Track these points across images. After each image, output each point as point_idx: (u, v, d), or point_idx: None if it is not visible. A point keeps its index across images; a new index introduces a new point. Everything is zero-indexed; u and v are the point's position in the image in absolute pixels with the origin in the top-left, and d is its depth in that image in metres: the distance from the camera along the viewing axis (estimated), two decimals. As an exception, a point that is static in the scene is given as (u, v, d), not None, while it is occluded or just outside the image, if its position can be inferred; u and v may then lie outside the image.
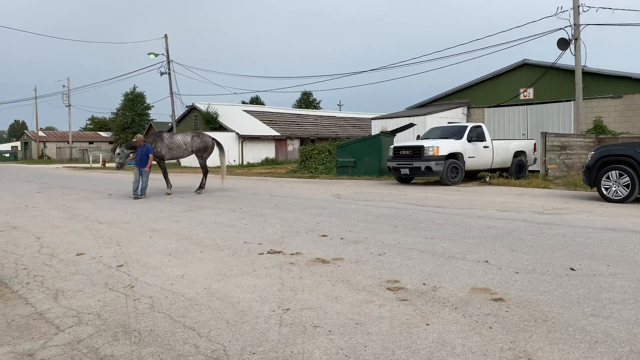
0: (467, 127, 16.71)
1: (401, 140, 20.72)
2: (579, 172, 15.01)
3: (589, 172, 10.95)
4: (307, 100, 77.64)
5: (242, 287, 4.64)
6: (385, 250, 6.07)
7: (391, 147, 17.07)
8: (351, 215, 9.17)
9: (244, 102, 62.05)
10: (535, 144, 18.70)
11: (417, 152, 15.63)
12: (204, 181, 14.86)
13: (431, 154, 15.32)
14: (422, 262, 5.40)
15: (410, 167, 15.83)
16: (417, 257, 5.67)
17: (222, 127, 38.63)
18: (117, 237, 7.36)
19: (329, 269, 5.21)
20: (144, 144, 13.32)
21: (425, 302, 4.06)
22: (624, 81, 19.87)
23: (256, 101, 70.22)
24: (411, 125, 21.83)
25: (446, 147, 15.54)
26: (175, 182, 17.47)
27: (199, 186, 14.81)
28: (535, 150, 18.56)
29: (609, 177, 10.57)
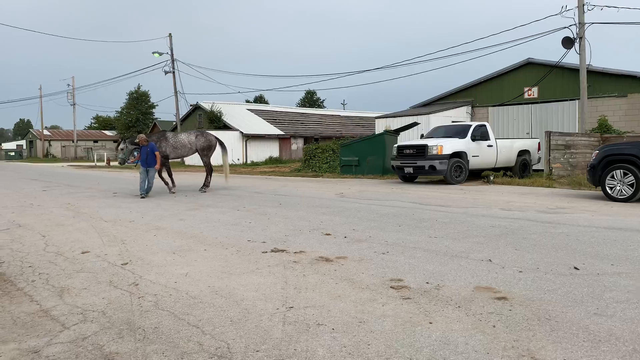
0: (471, 126, 16.70)
1: (405, 139, 20.70)
2: (584, 171, 14.96)
3: (594, 171, 10.92)
4: (311, 99, 77.68)
5: (246, 285, 4.66)
6: (388, 248, 6.07)
7: (395, 146, 17.07)
8: (355, 214, 9.18)
9: (248, 101, 62.10)
10: (539, 143, 18.66)
11: (421, 151, 15.62)
12: (208, 179, 14.97)
13: (435, 152, 15.31)
14: (426, 261, 5.41)
15: (414, 166, 15.83)
16: (420, 255, 5.68)
17: (226, 126, 38.71)
18: (122, 236, 7.40)
19: (333, 268, 5.22)
20: (147, 143, 13.31)
21: (428, 301, 4.07)
22: (629, 80, 19.79)
23: (260, 100, 70.31)
24: (415, 124, 21.81)
25: (450, 146, 15.53)
26: (179, 181, 17.52)
27: (203, 184, 14.90)
28: (539, 149, 18.51)
29: (613, 176, 10.54)
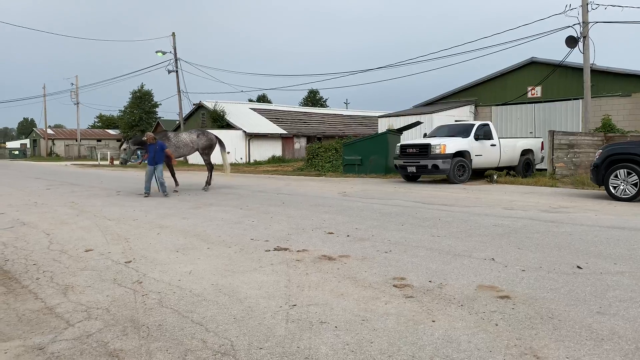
0: (474, 125, 16.68)
1: (408, 138, 20.69)
2: (587, 170, 14.93)
3: (597, 171, 10.90)
4: (314, 98, 77.67)
5: (249, 283, 4.67)
6: (391, 247, 6.08)
7: (398, 145, 17.06)
8: (358, 212, 9.19)
9: (251, 100, 62.17)
10: (542, 143, 18.62)
11: (424, 150, 15.61)
12: (209, 178, 15.10)
13: (438, 152, 15.30)
14: (429, 260, 5.41)
15: (417, 165, 15.82)
16: (423, 254, 5.69)
17: (229, 125, 38.74)
18: (126, 234, 7.43)
19: (336, 266, 5.23)
20: (155, 141, 13.19)
21: (431, 299, 4.08)
22: (632, 79, 19.72)
23: (263, 99, 70.33)
24: (418, 123, 21.80)
25: (453, 145, 15.51)
26: (182, 179, 17.56)
27: (205, 183, 15.01)
28: (542, 148, 18.47)
29: (617, 176, 10.51)
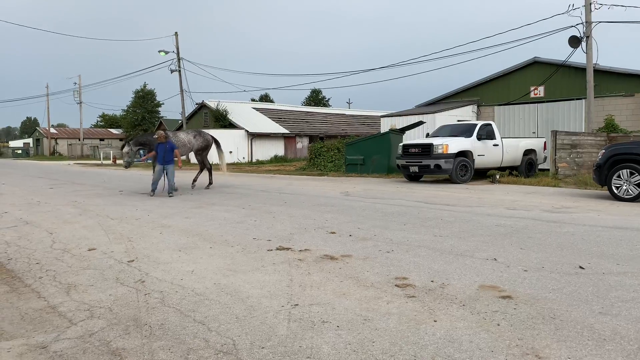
0: (476, 125, 16.66)
1: (410, 138, 20.68)
2: (590, 170, 14.90)
3: (600, 171, 10.87)
4: (316, 97, 77.65)
5: (252, 282, 4.68)
6: (393, 247, 6.08)
7: (400, 144, 17.05)
8: (360, 212, 9.19)
9: (253, 100, 62.23)
10: (545, 143, 18.59)
11: (427, 150, 15.60)
12: (210, 177, 15.28)
13: (440, 151, 15.29)
14: (431, 260, 5.41)
15: (419, 165, 15.81)
16: (425, 254, 5.69)
17: (231, 125, 38.77)
18: (128, 233, 7.44)
19: (338, 266, 5.24)
20: (166, 140, 12.96)
21: (433, 299, 4.08)
22: (636, 79, 19.68)
23: (265, 99, 70.35)
24: (420, 123, 21.78)
25: (456, 145, 15.50)
26: (184, 179, 17.57)
27: (208, 182, 15.14)
28: (545, 148, 18.44)
29: (619, 176, 10.49)
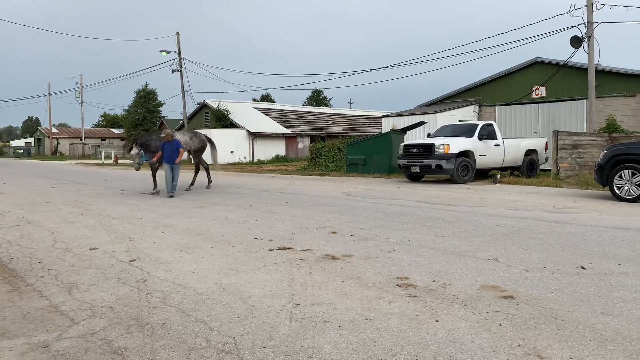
0: (478, 125, 16.64)
1: (412, 138, 20.66)
2: (591, 171, 14.87)
3: (601, 171, 10.86)
4: (317, 97, 77.62)
5: (253, 282, 4.68)
6: (395, 247, 6.08)
7: (401, 145, 17.03)
8: (361, 212, 9.19)
9: (254, 100, 62.18)
10: (547, 143, 18.56)
11: (428, 150, 15.59)
12: (209, 177, 15.36)
13: (442, 152, 15.27)
14: (432, 260, 5.41)
15: (420, 165, 15.80)
16: (426, 254, 5.68)
17: (232, 125, 38.77)
18: (130, 233, 7.45)
19: (339, 265, 5.24)
20: (172, 139, 12.92)
21: (434, 299, 4.08)
22: (637, 79, 19.63)
23: (267, 99, 70.34)
24: (422, 123, 21.76)
25: (457, 145, 15.48)
26: (185, 179, 17.57)
27: (207, 182, 15.21)
28: (546, 148, 18.42)
29: (621, 176, 10.47)
